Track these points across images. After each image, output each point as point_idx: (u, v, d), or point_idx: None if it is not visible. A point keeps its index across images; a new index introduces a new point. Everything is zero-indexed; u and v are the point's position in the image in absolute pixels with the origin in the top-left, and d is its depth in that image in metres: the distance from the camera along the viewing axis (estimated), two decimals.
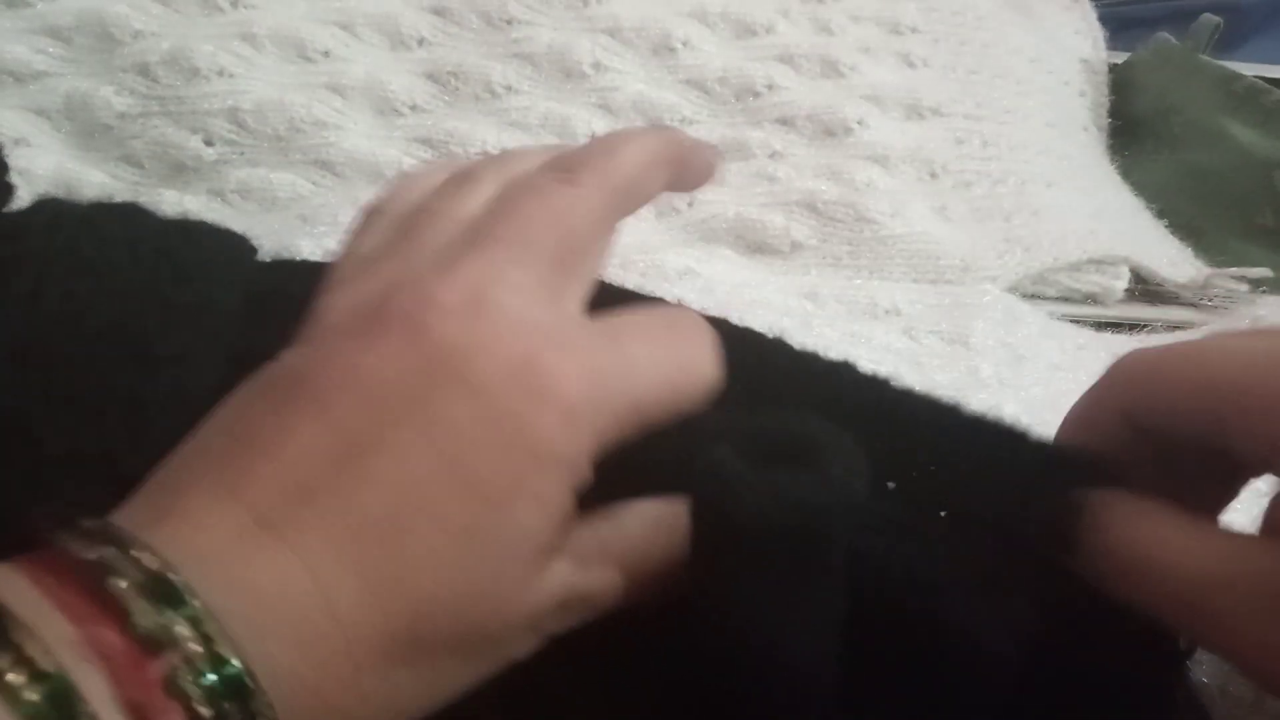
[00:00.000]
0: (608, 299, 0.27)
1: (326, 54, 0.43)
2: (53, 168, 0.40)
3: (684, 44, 0.47)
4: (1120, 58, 0.66)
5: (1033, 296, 0.47)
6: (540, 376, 0.23)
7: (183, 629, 0.20)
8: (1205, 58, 0.64)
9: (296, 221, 0.40)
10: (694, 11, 0.48)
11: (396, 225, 0.28)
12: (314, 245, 0.37)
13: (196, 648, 0.20)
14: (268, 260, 0.33)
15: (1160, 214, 0.56)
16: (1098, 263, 0.48)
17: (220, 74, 0.42)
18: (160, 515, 0.22)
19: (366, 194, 0.42)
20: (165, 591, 0.20)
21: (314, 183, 0.41)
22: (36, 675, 0.19)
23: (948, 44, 0.53)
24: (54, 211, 0.30)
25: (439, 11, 0.46)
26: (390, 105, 0.43)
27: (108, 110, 0.41)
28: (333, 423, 0.23)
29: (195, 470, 0.23)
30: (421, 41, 0.45)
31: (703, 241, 0.43)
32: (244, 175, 0.41)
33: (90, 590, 0.20)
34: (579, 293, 0.27)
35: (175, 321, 0.28)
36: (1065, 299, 0.48)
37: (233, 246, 0.32)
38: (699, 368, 0.27)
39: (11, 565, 0.21)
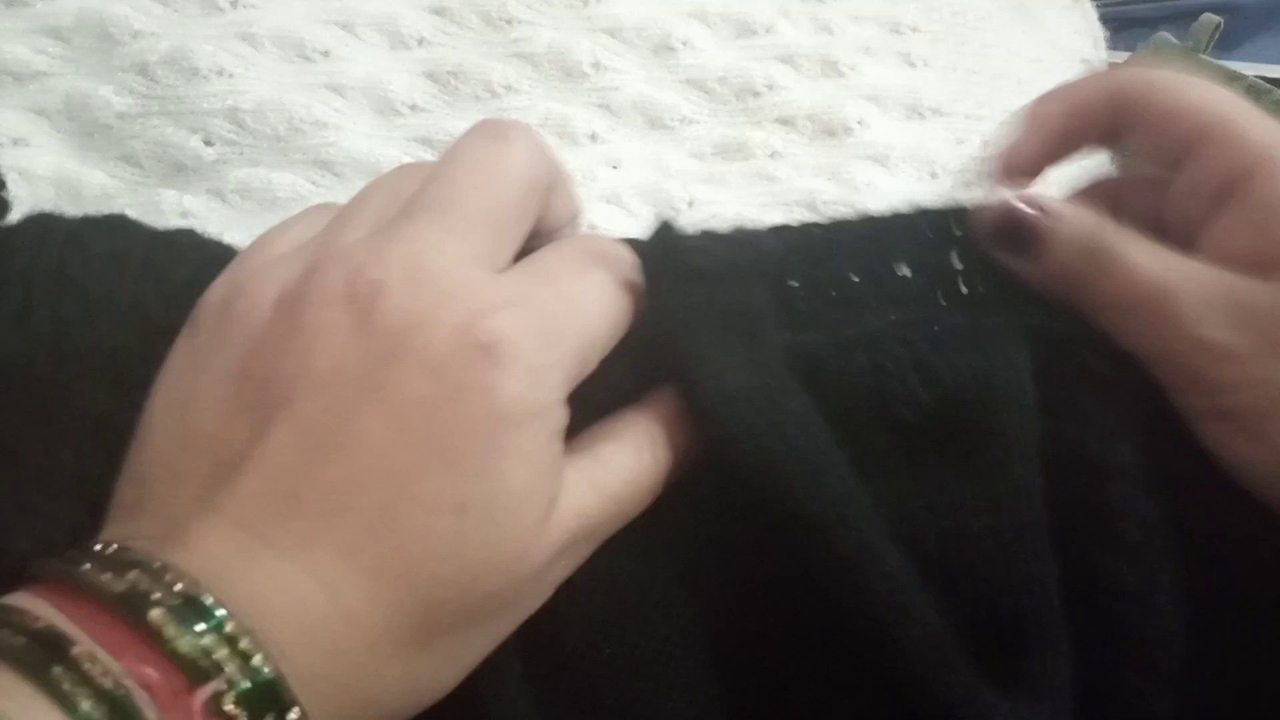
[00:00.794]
0: None
1: (326, 54, 0.43)
2: (53, 168, 0.40)
3: (684, 44, 0.47)
4: (1120, 58, 0.66)
5: None
6: (492, 340, 0.23)
7: (219, 649, 0.20)
8: (1205, 58, 0.64)
9: None
10: (694, 11, 0.48)
11: (330, 215, 0.28)
12: None
13: (232, 665, 0.20)
14: None
15: None
16: None
17: (220, 74, 0.42)
18: (162, 537, 0.22)
19: None
20: (196, 610, 0.20)
21: (314, 182, 0.41)
22: (99, 694, 0.19)
23: (948, 44, 0.53)
24: (42, 229, 0.30)
25: (439, 11, 0.46)
26: (390, 105, 0.43)
27: (107, 110, 0.41)
28: (301, 424, 0.23)
29: (178, 489, 0.23)
30: (421, 41, 0.45)
31: None
32: (244, 175, 0.41)
33: (128, 622, 0.20)
34: (513, 247, 0.27)
35: (155, 343, 0.28)
36: None
37: (220, 261, 0.32)
38: (630, 285, 0.27)
39: (42, 596, 0.21)
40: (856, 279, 0.31)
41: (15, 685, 0.19)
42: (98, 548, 0.22)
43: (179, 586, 0.21)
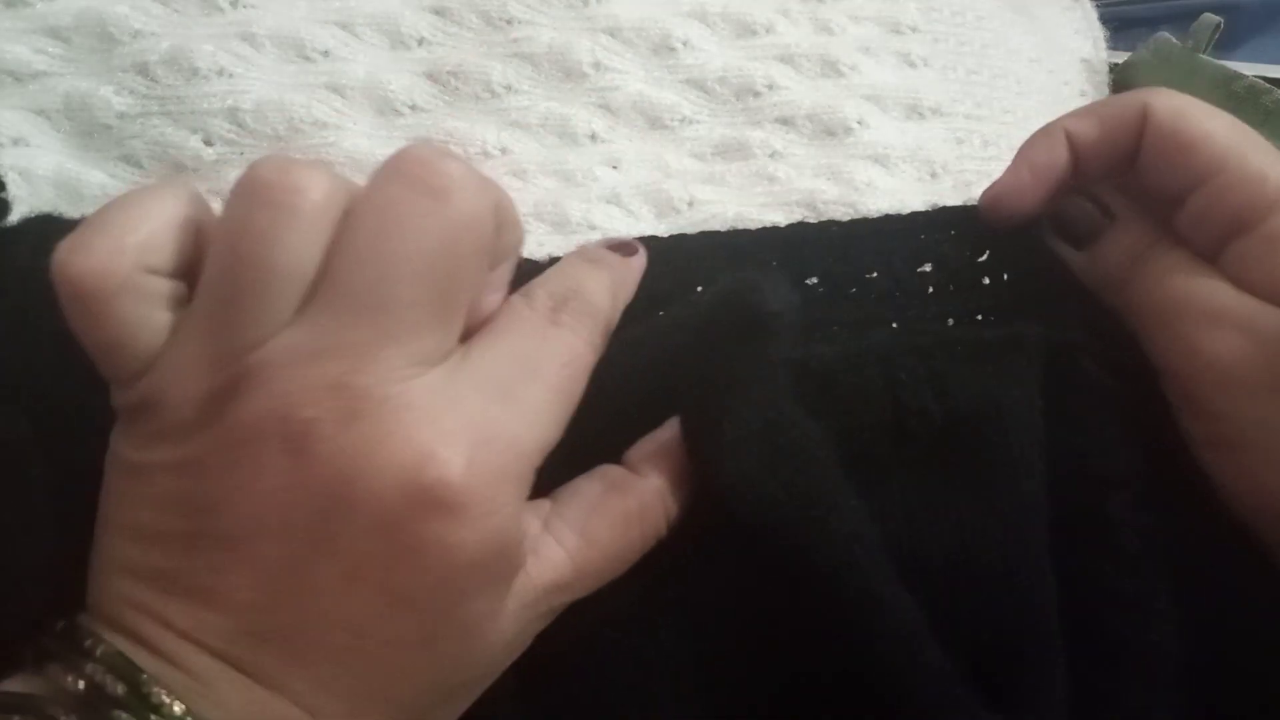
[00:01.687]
0: None
1: (326, 54, 0.43)
2: (52, 168, 0.40)
3: (684, 44, 0.47)
4: (1120, 58, 0.65)
5: None
6: (438, 486, 0.22)
7: None
8: (1205, 57, 0.64)
9: None
10: (694, 11, 0.48)
11: (204, 263, 0.24)
12: None
13: None
14: None
15: None
16: None
17: (220, 74, 0.42)
18: (149, 651, 0.22)
19: None
20: None
21: None
22: None
23: (948, 44, 0.53)
24: (43, 229, 0.30)
25: (439, 11, 0.46)
26: (390, 105, 0.43)
27: (107, 110, 0.41)
28: (256, 568, 0.22)
29: (144, 608, 0.22)
30: (421, 41, 0.45)
31: None
32: None
33: None
34: (460, 323, 0.24)
35: None
36: None
37: None
38: (591, 342, 0.26)
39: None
40: (874, 276, 0.31)
41: None
42: (84, 675, 0.21)
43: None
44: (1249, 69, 0.64)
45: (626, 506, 0.26)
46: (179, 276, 0.24)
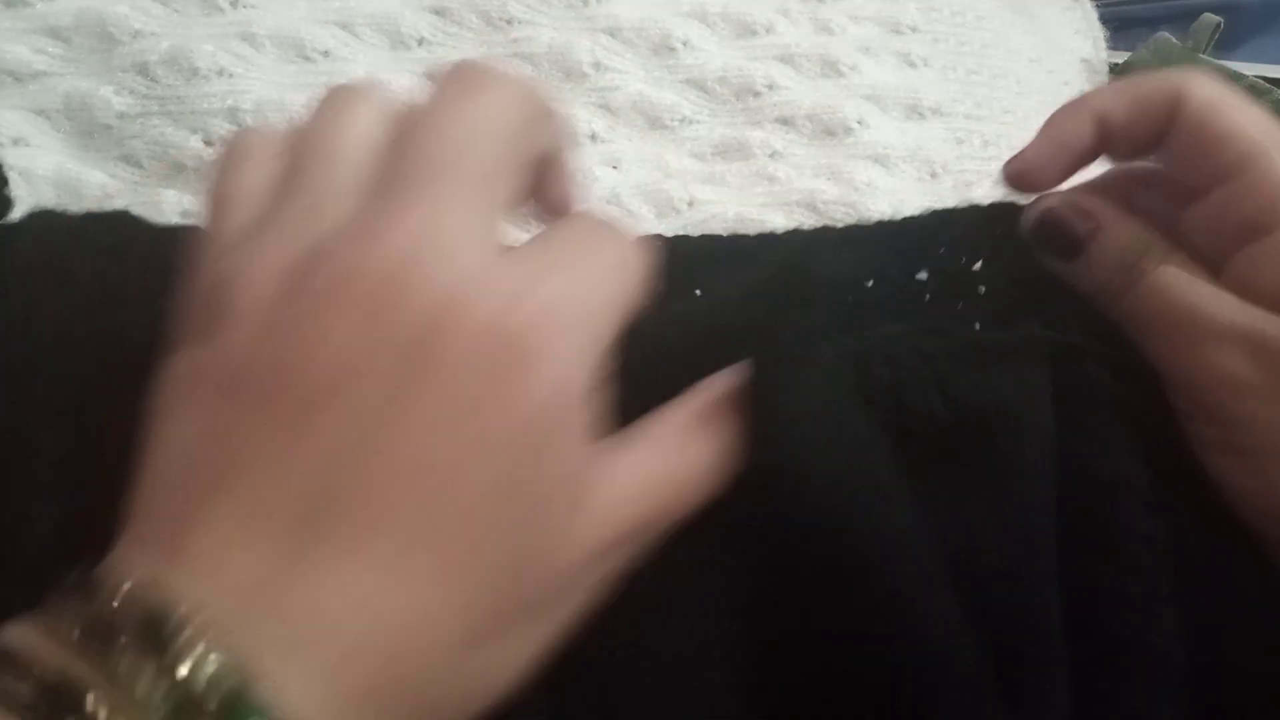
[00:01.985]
0: None
1: (326, 54, 0.43)
2: (53, 168, 0.40)
3: (684, 44, 0.47)
4: (1120, 58, 0.66)
5: None
6: (518, 337, 0.22)
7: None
8: (1205, 58, 0.64)
9: None
10: (694, 11, 0.48)
11: (280, 168, 0.26)
12: None
13: None
14: None
15: None
16: None
17: (220, 74, 0.42)
18: (192, 562, 0.21)
19: None
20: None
21: None
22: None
23: (948, 44, 0.53)
24: (45, 224, 0.30)
25: (439, 11, 0.46)
26: None
27: (107, 110, 0.41)
28: (323, 440, 0.22)
29: (200, 508, 0.22)
30: (421, 41, 0.45)
31: None
32: None
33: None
34: (513, 204, 0.26)
35: (163, 333, 0.28)
36: None
37: None
38: (634, 263, 0.26)
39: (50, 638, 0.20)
40: (871, 284, 0.30)
41: None
42: (126, 587, 0.20)
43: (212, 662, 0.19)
44: (1249, 69, 0.64)
45: (692, 430, 0.26)
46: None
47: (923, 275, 0.31)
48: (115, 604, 0.20)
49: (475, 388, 0.22)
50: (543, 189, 0.29)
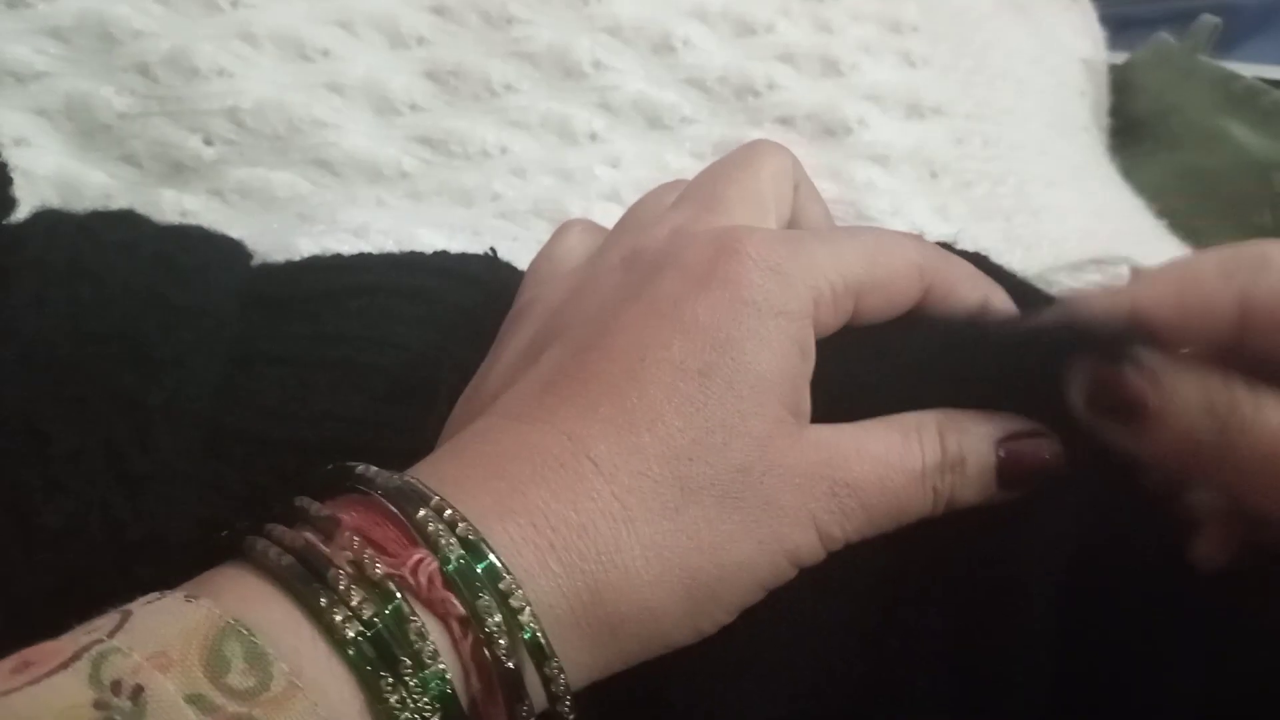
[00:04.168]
0: None
1: (326, 53, 0.44)
2: (53, 168, 0.41)
3: (684, 43, 0.47)
4: (1120, 58, 0.66)
5: None
6: (741, 244, 0.25)
7: (489, 602, 0.21)
8: (1204, 58, 0.64)
9: (295, 220, 0.40)
10: (694, 10, 0.48)
11: (596, 236, 0.32)
12: (312, 244, 0.37)
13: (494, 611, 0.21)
14: (262, 264, 0.33)
15: (1160, 214, 0.56)
16: (1098, 262, 0.48)
17: (220, 74, 0.42)
18: (437, 452, 0.24)
19: (366, 193, 0.42)
20: (471, 549, 0.21)
21: (313, 182, 0.41)
22: (370, 597, 0.20)
23: (948, 44, 0.53)
24: (53, 221, 0.30)
25: (438, 10, 0.46)
26: (390, 104, 0.43)
27: (108, 110, 0.41)
28: (568, 340, 0.26)
29: (460, 424, 0.26)
30: (421, 40, 0.45)
31: None
32: (243, 175, 0.41)
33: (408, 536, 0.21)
34: (769, 220, 0.29)
35: (174, 324, 0.28)
36: None
37: (228, 251, 0.32)
38: (902, 265, 0.27)
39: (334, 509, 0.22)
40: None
41: (276, 600, 0.20)
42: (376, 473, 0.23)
43: (460, 528, 0.21)
44: (1248, 69, 0.64)
45: (923, 432, 0.26)
46: None
47: None
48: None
49: (686, 281, 0.25)
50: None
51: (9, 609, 0.25)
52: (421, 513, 0.21)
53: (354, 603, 0.20)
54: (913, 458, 0.26)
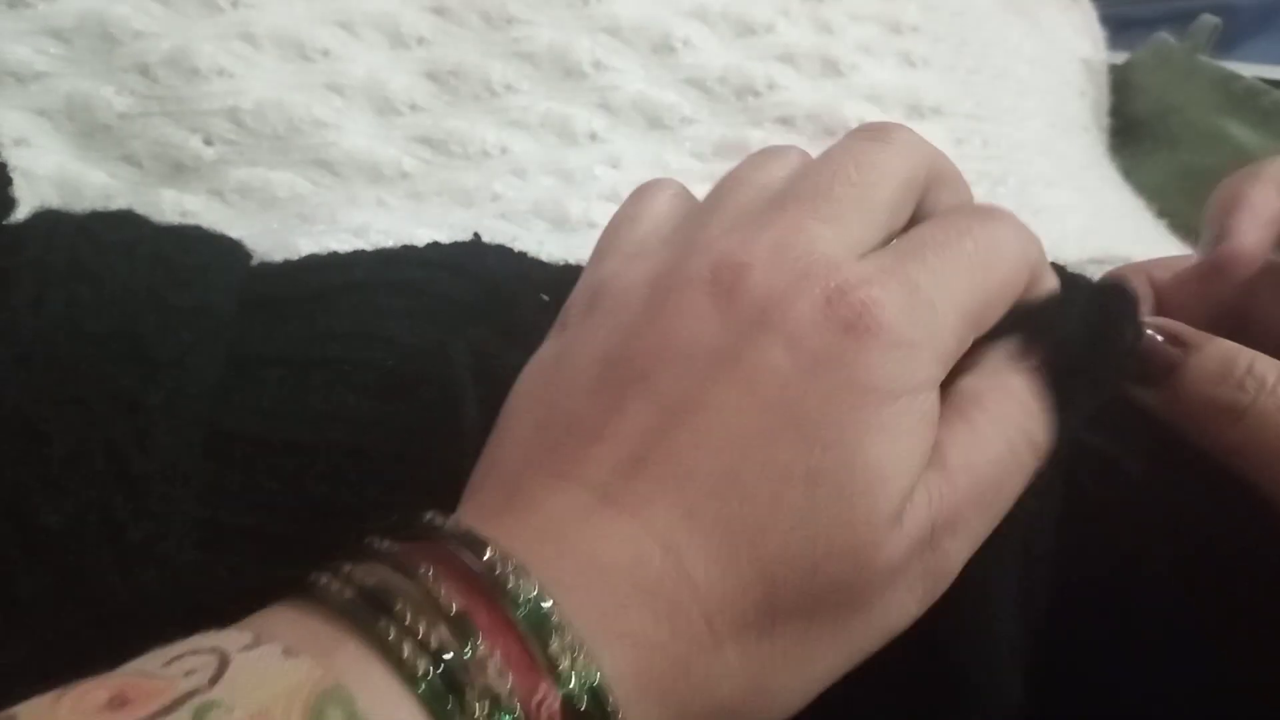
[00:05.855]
0: None
1: (326, 53, 0.43)
2: (53, 168, 0.40)
3: (684, 43, 0.47)
4: (1120, 58, 0.66)
5: None
6: (856, 313, 0.22)
7: (562, 656, 0.20)
8: (1204, 58, 0.64)
9: (295, 221, 0.40)
10: (694, 10, 0.48)
11: (690, 203, 0.28)
12: (313, 244, 0.37)
13: (569, 667, 0.20)
14: (262, 264, 0.33)
15: (1160, 214, 0.56)
16: (1098, 262, 0.48)
17: (220, 74, 0.42)
18: (501, 505, 0.22)
19: (366, 193, 0.42)
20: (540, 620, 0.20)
21: (313, 182, 0.41)
22: (433, 652, 0.19)
23: (948, 44, 0.53)
24: (52, 221, 0.30)
25: (439, 11, 0.46)
26: (390, 104, 0.43)
27: (108, 110, 0.41)
28: (654, 394, 0.23)
29: (526, 463, 0.23)
30: (421, 41, 0.45)
31: None
32: (243, 175, 0.41)
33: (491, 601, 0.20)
34: (885, 238, 0.26)
35: (173, 325, 0.28)
36: None
37: (227, 251, 0.32)
38: (1011, 272, 0.26)
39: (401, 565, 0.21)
40: None
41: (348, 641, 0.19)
42: (427, 519, 0.22)
43: (528, 593, 0.20)
44: (1247, 69, 0.64)
45: (1015, 411, 0.25)
46: None
47: None
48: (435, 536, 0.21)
49: (795, 360, 0.22)
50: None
51: (9, 609, 0.25)
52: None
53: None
54: (1018, 458, 0.25)
